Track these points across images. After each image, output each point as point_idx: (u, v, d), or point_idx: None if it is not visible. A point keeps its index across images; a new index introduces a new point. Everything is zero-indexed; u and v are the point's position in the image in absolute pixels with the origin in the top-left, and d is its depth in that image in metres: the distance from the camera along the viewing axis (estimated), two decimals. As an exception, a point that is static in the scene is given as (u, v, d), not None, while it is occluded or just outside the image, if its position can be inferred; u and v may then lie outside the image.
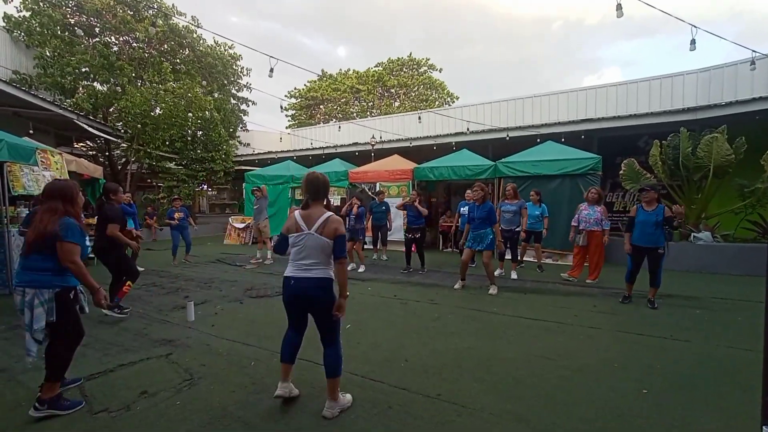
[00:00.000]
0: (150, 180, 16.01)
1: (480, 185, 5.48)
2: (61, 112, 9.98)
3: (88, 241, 2.56)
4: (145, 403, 2.51)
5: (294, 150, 15.30)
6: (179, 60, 15.64)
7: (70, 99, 12.52)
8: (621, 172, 8.06)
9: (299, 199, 10.95)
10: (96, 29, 14.10)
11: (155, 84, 13.56)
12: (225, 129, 14.84)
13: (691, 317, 4.37)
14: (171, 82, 13.70)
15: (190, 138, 14.14)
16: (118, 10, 13.67)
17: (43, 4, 12.54)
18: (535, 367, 3.04)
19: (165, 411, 2.42)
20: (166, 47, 15.20)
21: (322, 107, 27.88)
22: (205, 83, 16.09)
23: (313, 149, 14.15)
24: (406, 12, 69.75)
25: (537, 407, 2.47)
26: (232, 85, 17.68)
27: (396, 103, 27.16)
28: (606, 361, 3.16)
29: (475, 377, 2.89)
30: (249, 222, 11.27)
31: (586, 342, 3.61)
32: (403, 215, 7.89)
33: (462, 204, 7.37)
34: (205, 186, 16.08)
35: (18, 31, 12.02)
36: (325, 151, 13.51)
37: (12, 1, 12.32)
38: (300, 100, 27.68)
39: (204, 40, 16.15)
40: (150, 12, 14.35)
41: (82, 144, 14.12)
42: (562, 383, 2.79)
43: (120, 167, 14.48)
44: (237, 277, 6.69)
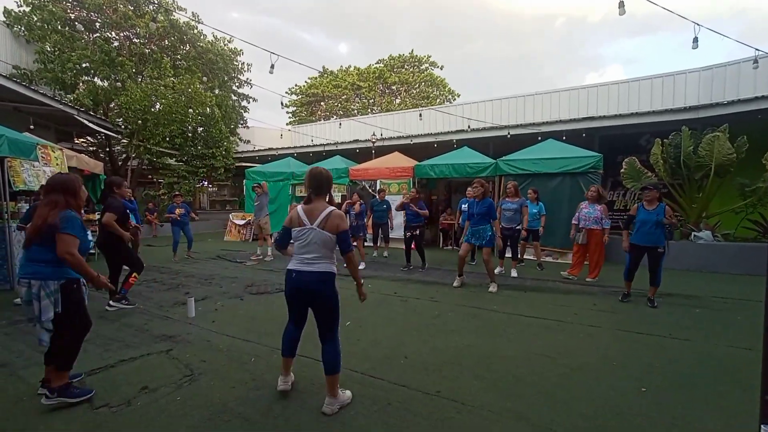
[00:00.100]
0: (150, 176, 16.01)
1: (480, 181, 5.48)
2: (62, 107, 9.96)
3: (90, 236, 2.56)
4: (146, 399, 2.52)
5: (295, 147, 15.28)
6: (180, 56, 15.59)
7: (70, 94, 12.49)
8: (622, 170, 8.05)
9: (300, 196, 10.94)
10: (96, 24, 14.04)
11: (155, 80, 13.51)
12: (226, 125, 14.81)
13: (691, 316, 4.37)
14: (171, 77, 13.64)
15: (190, 134, 14.12)
16: (118, 5, 13.61)
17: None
18: (535, 365, 3.05)
19: (165, 406, 2.43)
20: (166, 43, 15.14)
21: (322, 104, 27.80)
22: (206, 79, 16.03)
23: (314, 146, 14.13)
24: (407, 8, 69.54)
25: (537, 405, 2.48)
26: (232, 81, 17.63)
27: (397, 100, 27.08)
28: (606, 360, 3.16)
29: (475, 375, 2.89)
30: (249, 218, 11.26)
31: (585, 340, 3.62)
32: (403, 213, 7.88)
33: (463, 201, 7.36)
34: (206, 182, 16.08)
35: (18, 26, 11.97)
36: (326, 148, 13.49)
37: None
38: (301, 96, 27.60)
39: (205, 36, 16.10)
40: (150, 7, 14.29)
41: (82, 140, 14.11)
42: (561, 381, 2.80)
43: (120, 163, 14.47)
44: (237, 274, 6.70)
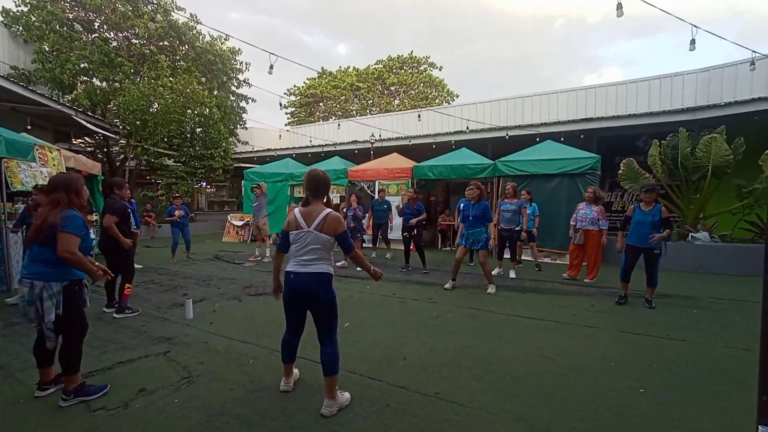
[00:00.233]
0: (149, 177, 15.97)
1: (476, 183, 5.48)
2: (60, 107, 9.93)
3: (92, 235, 2.55)
4: (144, 401, 2.51)
5: (293, 147, 15.27)
6: (179, 57, 15.57)
7: (68, 95, 12.45)
8: (620, 171, 8.08)
9: (298, 197, 10.94)
10: (95, 24, 14.01)
11: (153, 80, 13.49)
12: (225, 126, 14.77)
13: (689, 317, 4.38)
14: (168, 77, 13.61)
15: (189, 135, 14.09)
16: (117, 5, 13.59)
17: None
18: (534, 366, 3.05)
19: (163, 409, 2.43)
20: (166, 43, 15.12)
21: (321, 105, 27.79)
22: (205, 80, 16.00)
23: (313, 147, 14.12)
24: (407, 8, 69.69)
25: (535, 406, 2.48)
26: (231, 82, 17.59)
27: (396, 101, 27.09)
28: (604, 360, 3.17)
29: (474, 376, 2.89)
30: (248, 219, 11.26)
31: (584, 341, 3.62)
32: (399, 210, 7.87)
33: (462, 201, 7.35)
34: (204, 183, 16.04)
35: (16, 26, 11.93)
36: (325, 149, 13.49)
37: None
38: (299, 97, 27.59)
39: (204, 35, 16.06)
40: (149, 8, 14.27)
41: (80, 140, 14.07)
42: (560, 382, 2.80)
43: (118, 164, 14.43)
44: (235, 275, 6.69)
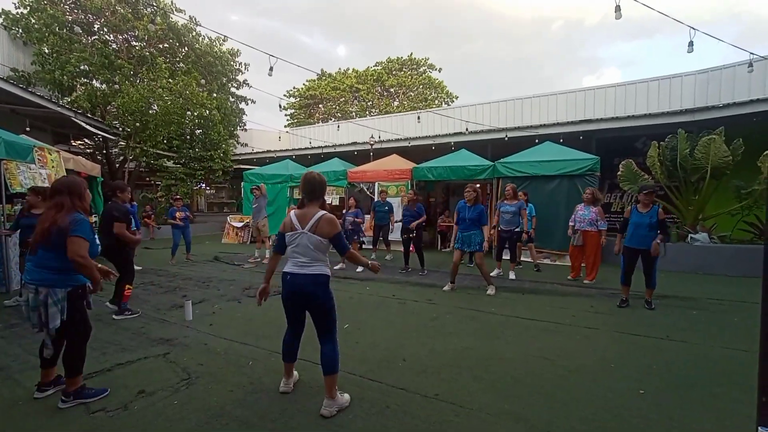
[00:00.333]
0: (148, 178, 15.96)
1: (472, 186, 5.48)
2: (59, 109, 9.93)
3: (97, 240, 2.55)
4: (143, 403, 2.51)
5: (293, 149, 15.29)
6: (179, 59, 15.59)
7: (67, 97, 12.45)
8: (619, 173, 8.09)
9: (298, 199, 10.92)
10: (95, 26, 14.03)
11: (151, 81, 13.50)
12: (224, 128, 14.77)
13: (688, 318, 4.38)
14: (166, 78, 13.62)
15: (188, 136, 14.09)
16: (117, 7, 13.61)
17: (43, 1, 12.46)
18: (533, 367, 3.05)
19: (163, 410, 2.42)
20: (166, 46, 15.14)
21: (321, 106, 27.83)
22: (204, 81, 16.02)
23: (312, 148, 14.13)
24: (407, 8, 69.90)
25: (535, 407, 2.48)
26: (231, 83, 17.61)
27: (395, 103, 27.15)
28: (604, 361, 3.17)
29: (474, 377, 2.89)
30: (247, 221, 11.26)
31: (583, 342, 3.62)
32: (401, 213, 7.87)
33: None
34: (204, 185, 16.03)
35: (16, 28, 11.94)
36: (324, 151, 13.50)
37: None
38: (299, 99, 27.63)
39: (204, 37, 16.09)
40: (148, 10, 14.30)
41: (79, 142, 14.06)
42: (560, 383, 2.80)
43: (118, 165, 14.43)
44: (235, 276, 6.69)
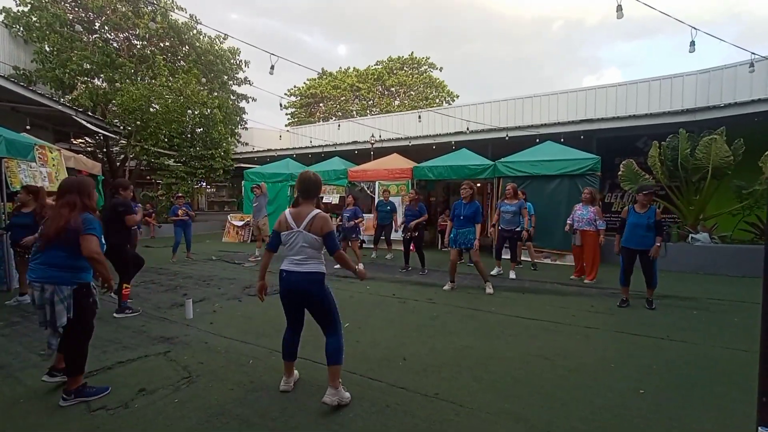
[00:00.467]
0: (149, 177, 15.96)
1: (468, 183, 5.45)
2: (60, 107, 9.94)
3: (102, 239, 2.58)
4: (144, 401, 2.51)
5: (293, 148, 15.28)
6: (179, 57, 15.57)
7: (68, 95, 12.45)
8: (620, 172, 8.08)
9: (298, 198, 10.92)
10: (96, 25, 14.02)
11: (151, 79, 13.49)
12: (225, 127, 14.75)
13: (688, 318, 4.38)
14: (166, 76, 13.60)
15: (189, 135, 14.08)
16: (117, 6, 13.60)
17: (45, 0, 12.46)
18: (533, 367, 3.05)
19: (163, 409, 2.43)
20: (167, 44, 15.13)
21: (321, 105, 27.81)
22: (205, 80, 16.00)
23: (313, 147, 14.12)
24: (407, 8, 69.83)
25: (535, 406, 2.48)
26: (231, 81, 17.59)
27: (396, 102, 27.11)
28: (603, 361, 3.17)
29: (474, 376, 2.89)
30: (248, 220, 11.26)
31: (583, 342, 3.63)
32: (402, 213, 7.87)
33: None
34: (204, 183, 16.02)
35: (17, 26, 11.93)
36: (325, 150, 13.49)
37: None
38: (300, 98, 27.60)
39: (205, 35, 16.07)
40: (149, 8, 14.29)
41: (80, 140, 14.08)
42: (559, 382, 2.80)
43: (118, 164, 14.43)
44: (235, 275, 6.69)
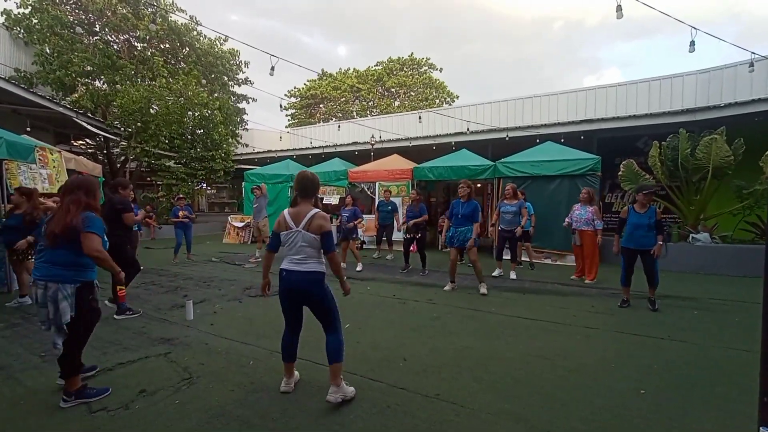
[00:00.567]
0: (149, 178, 15.98)
1: (466, 182, 5.45)
2: (61, 109, 9.96)
3: (104, 237, 2.60)
4: (144, 402, 2.51)
5: (294, 149, 15.31)
6: (180, 58, 15.60)
7: (69, 97, 12.47)
8: (620, 173, 8.07)
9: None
10: (96, 27, 14.05)
11: (150, 80, 13.50)
12: (225, 128, 14.75)
13: (689, 318, 4.38)
14: (164, 77, 13.60)
15: (189, 136, 14.10)
16: (118, 7, 13.63)
17: (45, 2, 12.48)
18: (533, 367, 3.05)
19: (164, 410, 2.43)
20: (167, 45, 15.15)
21: (321, 106, 27.84)
22: (205, 81, 16.03)
23: (313, 148, 14.14)
24: (407, 9, 69.92)
25: (535, 407, 2.48)
26: (232, 82, 17.61)
27: (396, 103, 27.14)
28: (604, 361, 3.17)
29: (474, 377, 2.89)
30: (248, 221, 11.26)
31: (583, 342, 3.62)
32: (404, 214, 7.87)
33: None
34: (204, 185, 16.03)
35: (18, 28, 11.96)
36: (325, 150, 13.51)
37: None
38: (300, 99, 27.63)
39: (205, 37, 16.10)
40: (149, 10, 14.33)
41: (81, 142, 14.10)
42: (560, 383, 2.80)
43: (119, 165, 14.44)
44: (236, 276, 6.69)
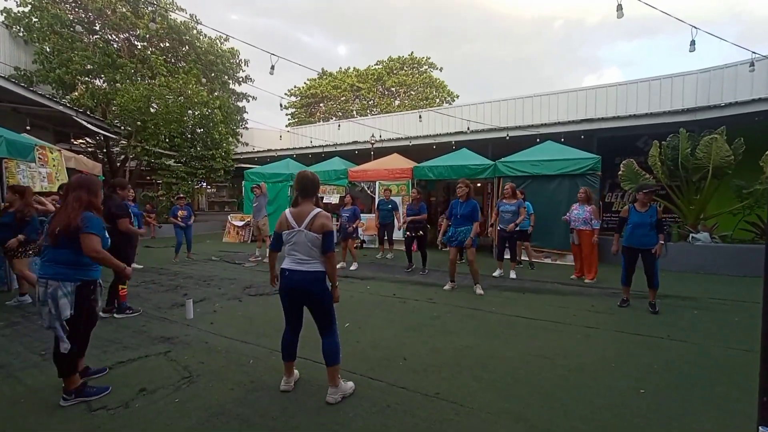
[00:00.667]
0: (149, 177, 15.97)
1: (464, 182, 5.41)
2: (60, 108, 9.95)
3: (106, 234, 2.60)
4: (144, 401, 2.52)
5: (294, 148, 15.29)
6: (179, 57, 15.58)
7: (69, 95, 12.46)
8: (620, 172, 8.07)
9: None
10: (96, 25, 14.03)
11: (150, 79, 13.49)
12: (226, 127, 14.73)
13: (689, 317, 4.38)
14: (164, 75, 13.58)
15: (189, 135, 14.09)
16: (118, 6, 13.61)
17: (44, 0, 12.46)
18: (533, 366, 3.05)
19: (164, 408, 2.43)
20: (167, 44, 15.14)
21: (322, 105, 27.82)
22: (205, 80, 16.01)
23: (313, 147, 14.12)
24: (407, 8, 69.86)
25: (535, 406, 2.48)
26: (232, 81, 17.59)
27: (396, 102, 27.11)
28: (604, 361, 3.17)
29: (474, 376, 2.89)
30: (248, 220, 11.25)
31: (583, 341, 3.62)
32: (404, 213, 7.87)
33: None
34: (204, 183, 16.03)
35: (17, 27, 11.94)
36: (325, 150, 13.50)
37: None
38: (300, 98, 27.61)
39: (205, 35, 16.08)
40: (149, 9, 14.31)
41: (81, 140, 14.08)
42: (560, 382, 2.80)
43: (119, 164, 14.44)
44: (236, 275, 6.69)
